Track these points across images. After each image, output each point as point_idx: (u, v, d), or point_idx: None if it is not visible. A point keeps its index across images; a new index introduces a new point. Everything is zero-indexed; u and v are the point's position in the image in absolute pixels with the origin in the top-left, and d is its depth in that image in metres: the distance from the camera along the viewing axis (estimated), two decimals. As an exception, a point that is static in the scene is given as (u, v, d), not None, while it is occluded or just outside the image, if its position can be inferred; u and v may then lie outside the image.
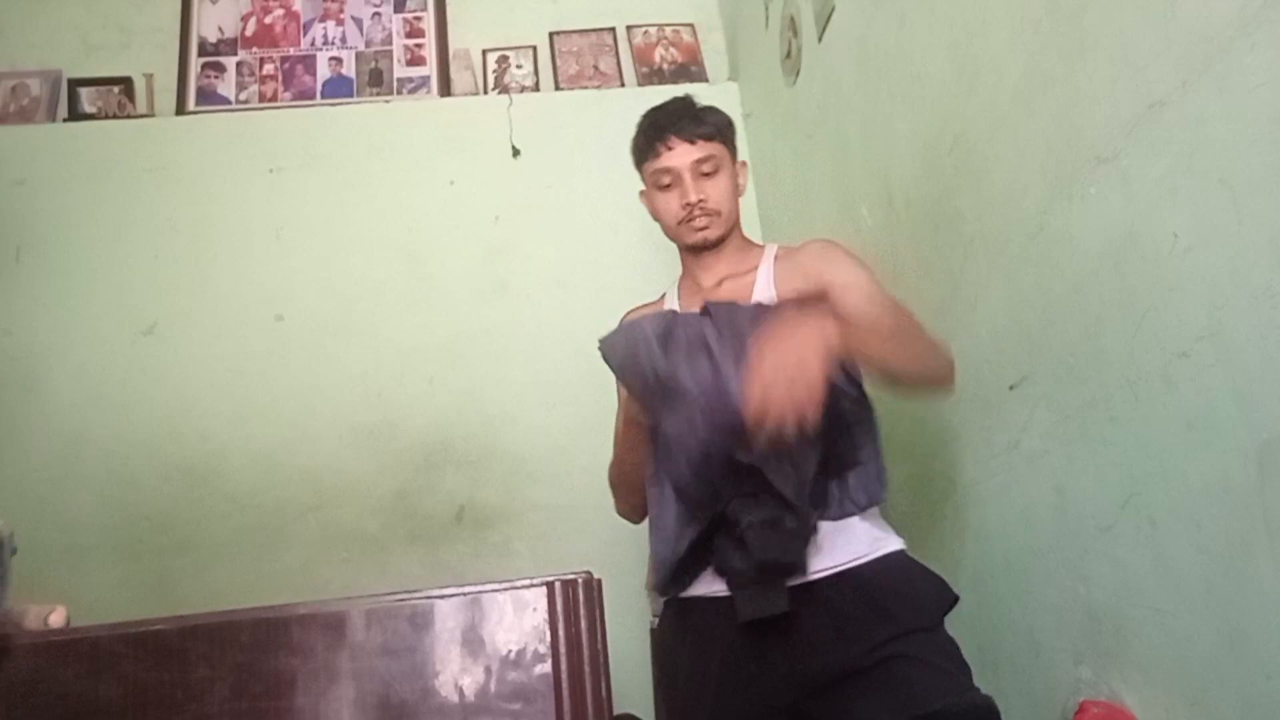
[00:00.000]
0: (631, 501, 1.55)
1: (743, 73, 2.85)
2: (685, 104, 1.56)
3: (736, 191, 1.57)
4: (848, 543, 1.33)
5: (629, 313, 1.66)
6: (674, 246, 1.61)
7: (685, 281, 1.61)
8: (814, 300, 1.34)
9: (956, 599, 1.35)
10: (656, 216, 1.58)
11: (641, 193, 1.61)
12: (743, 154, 2.74)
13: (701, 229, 1.52)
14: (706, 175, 1.51)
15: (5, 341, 2.50)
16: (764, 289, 1.50)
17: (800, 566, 1.29)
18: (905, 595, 1.31)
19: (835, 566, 1.32)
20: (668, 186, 1.53)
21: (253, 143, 2.73)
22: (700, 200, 1.50)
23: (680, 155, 1.51)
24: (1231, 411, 0.98)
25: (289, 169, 2.71)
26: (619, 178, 2.79)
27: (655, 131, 1.54)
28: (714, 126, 1.53)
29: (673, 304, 1.59)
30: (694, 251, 1.56)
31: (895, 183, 1.78)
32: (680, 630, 1.44)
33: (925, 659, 1.26)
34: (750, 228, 2.56)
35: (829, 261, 1.49)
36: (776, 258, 1.55)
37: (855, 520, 1.35)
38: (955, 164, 1.53)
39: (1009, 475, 1.43)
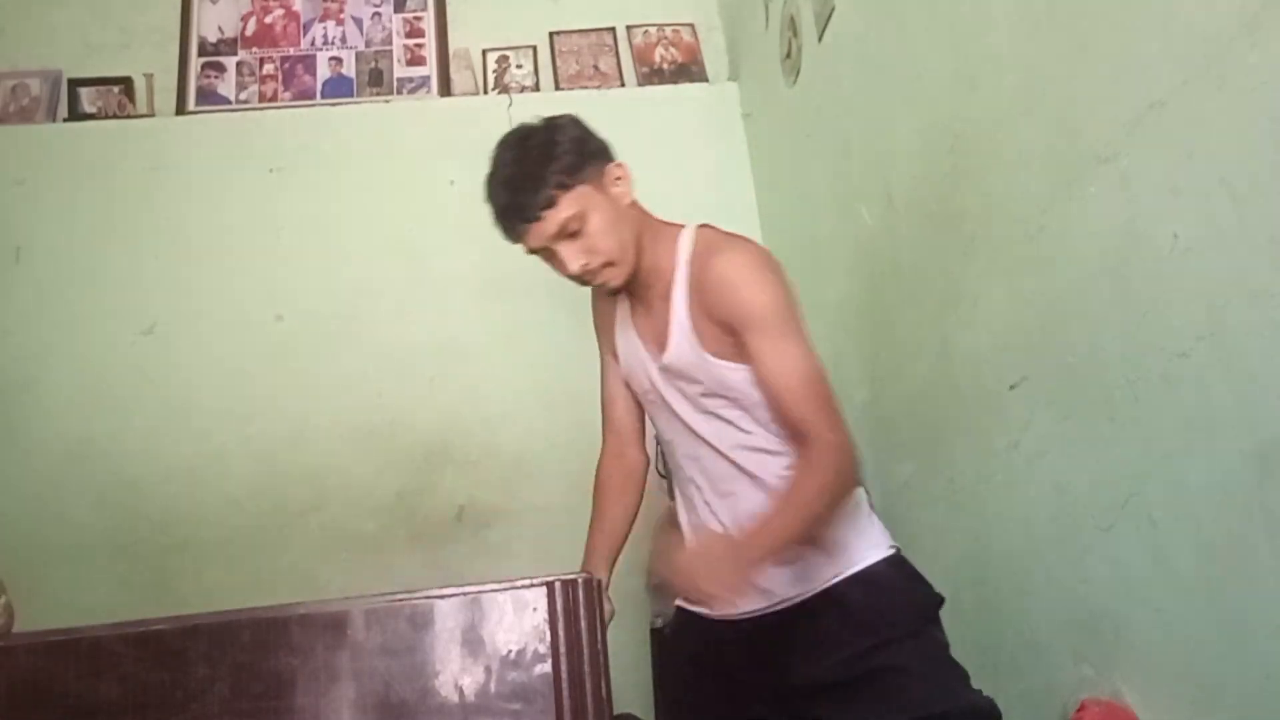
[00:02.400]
0: None
1: (743, 73, 2.85)
2: (511, 169, 1.36)
3: (618, 217, 1.38)
4: (830, 561, 1.37)
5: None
6: None
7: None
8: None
9: (941, 600, 1.38)
10: None
11: None
12: (742, 154, 2.80)
13: (604, 284, 1.39)
14: (574, 235, 1.34)
15: (5, 341, 2.50)
16: (680, 325, 1.38)
17: None
18: (886, 606, 1.34)
19: (817, 587, 1.36)
20: (548, 257, 1.39)
21: (253, 143, 2.72)
22: (584, 265, 1.36)
23: (535, 237, 1.35)
24: (1231, 411, 0.97)
25: (289, 169, 2.71)
26: (619, 178, 2.80)
27: (498, 220, 1.39)
28: (555, 184, 1.32)
29: (624, 301, 1.51)
30: None
31: (895, 183, 1.78)
32: (682, 636, 1.47)
33: (912, 668, 1.29)
34: (750, 227, 2.58)
35: (740, 312, 1.32)
36: (690, 272, 1.38)
37: (843, 534, 1.37)
38: (955, 164, 1.53)
39: (1009, 475, 1.43)
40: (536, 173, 1.34)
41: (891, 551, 1.41)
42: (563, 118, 1.42)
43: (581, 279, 1.39)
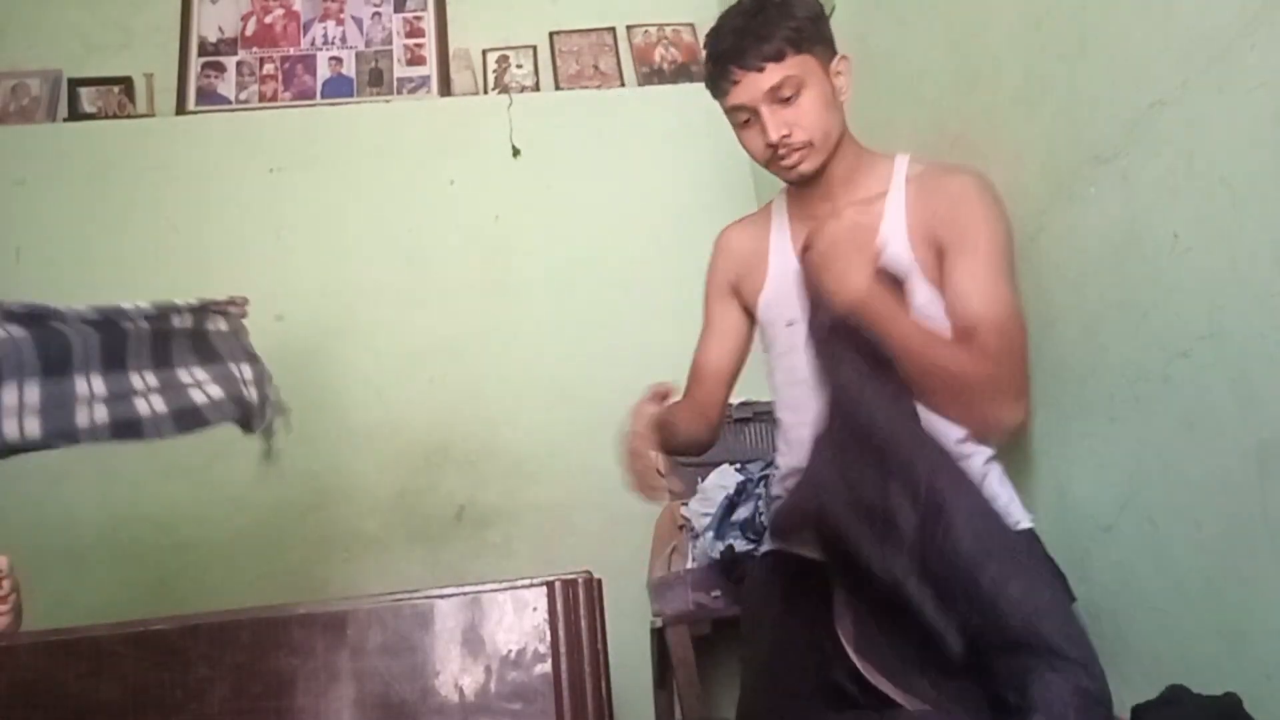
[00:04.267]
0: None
1: (743, 73, 2.85)
2: (747, 16, 1.31)
3: (832, 104, 1.33)
4: None
5: (725, 230, 1.52)
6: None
7: (796, 204, 1.43)
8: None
9: (1072, 598, 1.23)
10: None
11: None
12: (743, 154, 2.77)
13: (793, 166, 1.33)
14: (786, 101, 1.29)
15: (5, 341, 2.50)
16: (894, 222, 1.31)
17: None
18: None
19: None
20: (746, 123, 1.34)
21: (253, 143, 2.73)
22: (784, 136, 1.30)
23: (748, 89, 1.30)
24: (1231, 411, 0.98)
25: (289, 169, 2.71)
26: (619, 177, 2.80)
27: (717, 64, 1.33)
28: (786, 38, 1.28)
29: (781, 223, 1.44)
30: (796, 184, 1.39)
31: (895, 183, 1.78)
32: (772, 582, 1.37)
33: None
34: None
35: (960, 230, 1.26)
36: (909, 179, 1.34)
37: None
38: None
39: (1009, 475, 1.43)
40: (769, 25, 1.29)
41: (1018, 529, 1.24)
42: None
43: (775, 153, 1.32)
